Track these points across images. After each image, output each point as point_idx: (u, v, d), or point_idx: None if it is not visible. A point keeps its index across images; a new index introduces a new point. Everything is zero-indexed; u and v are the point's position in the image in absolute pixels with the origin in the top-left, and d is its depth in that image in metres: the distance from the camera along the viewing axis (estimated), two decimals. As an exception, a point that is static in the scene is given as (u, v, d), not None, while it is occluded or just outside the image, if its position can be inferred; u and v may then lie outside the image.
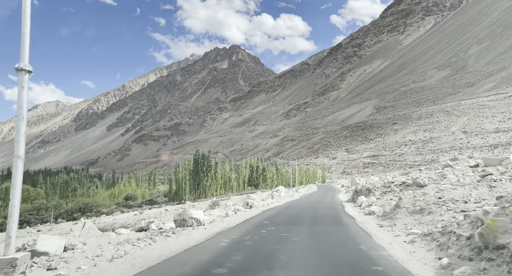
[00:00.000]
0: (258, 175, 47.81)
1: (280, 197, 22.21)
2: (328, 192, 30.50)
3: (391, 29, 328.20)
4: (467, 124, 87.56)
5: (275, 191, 28.82)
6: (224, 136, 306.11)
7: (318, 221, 10.42)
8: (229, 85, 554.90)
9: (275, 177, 52.54)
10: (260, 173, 48.04)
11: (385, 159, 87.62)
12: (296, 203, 18.37)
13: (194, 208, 25.97)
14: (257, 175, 47.72)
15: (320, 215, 12.05)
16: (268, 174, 49.21)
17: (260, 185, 46.87)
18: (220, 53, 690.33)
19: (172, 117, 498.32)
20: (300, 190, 29.40)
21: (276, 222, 10.10)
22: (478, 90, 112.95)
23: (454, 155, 73.69)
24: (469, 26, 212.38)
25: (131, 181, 75.96)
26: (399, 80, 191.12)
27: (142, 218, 24.66)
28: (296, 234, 7.67)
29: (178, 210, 27.50)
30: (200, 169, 42.43)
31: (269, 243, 6.53)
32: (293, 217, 11.76)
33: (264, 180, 48.05)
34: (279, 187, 29.03)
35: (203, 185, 41.69)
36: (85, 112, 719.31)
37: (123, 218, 26.15)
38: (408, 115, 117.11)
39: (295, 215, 12.18)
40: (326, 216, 11.68)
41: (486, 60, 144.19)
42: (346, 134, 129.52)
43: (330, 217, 11.37)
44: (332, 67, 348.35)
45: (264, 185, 47.18)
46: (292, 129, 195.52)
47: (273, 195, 22.34)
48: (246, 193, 40.79)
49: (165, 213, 25.40)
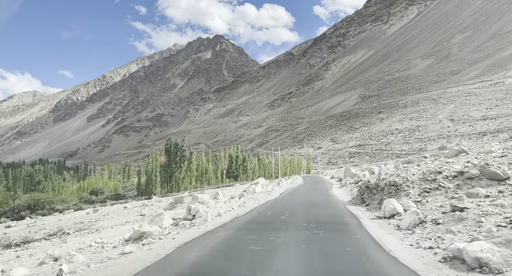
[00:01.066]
0: (238, 166, 43.64)
1: (254, 195, 17.08)
2: (317, 185, 24.69)
3: (375, 19, 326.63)
4: (454, 112, 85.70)
5: (253, 184, 24.64)
6: (207, 127, 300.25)
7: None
8: (213, 76, 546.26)
9: (257, 168, 48.63)
10: (240, 163, 43.86)
11: (371, 148, 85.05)
12: (272, 207, 11.73)
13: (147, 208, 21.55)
14: (237, 166, 43.56)
15: (321, 253, 5.35)
16: (249, 165, 45.15)
17: (240, 176, 42.86)
18: (204, 43, 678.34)
19: (155, 108, 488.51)
20: (283, 183, 24.80)
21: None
22: (463, 78, 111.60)
23: (442, 143, 71.52)
24: (452, 15, 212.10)
25: (104, 173, 70.82)
26: (383, 69, 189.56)
27: (93, 219, 20.31)
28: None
29: (140, 207, 23.17)
30: (172, 160, 38.00)
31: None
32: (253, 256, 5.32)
33: (245, 171, 43.98)
34: (259, 179, 25.00)
35: (175, 177, 37.35)
36: (64, 103, 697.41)
37: (71, 218, 21.68)
38: (394, 104, 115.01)
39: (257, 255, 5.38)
40: (334, 255, 5.30)
41: (470, 48, 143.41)
42: (331, 124, 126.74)
43: (347, 259, 5.06)
44: (316, 57, 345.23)
45: (244, 176, 43.20)
46: (277, 120, 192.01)
47: (243, 194, 16.73)
48: (225, 185, 36.71)
49: (123, 212, 21.11)
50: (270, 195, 16.72)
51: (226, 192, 20.03)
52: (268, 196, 16.47)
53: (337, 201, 13.47)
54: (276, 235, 6.62)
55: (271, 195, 16.93)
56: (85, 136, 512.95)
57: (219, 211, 10.23)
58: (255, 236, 6.68)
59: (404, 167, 18.44)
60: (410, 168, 11.87)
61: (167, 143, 38.66)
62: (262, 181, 24.71)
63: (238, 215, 9.56)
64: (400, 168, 15.88)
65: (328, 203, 12.82)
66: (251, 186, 19.53)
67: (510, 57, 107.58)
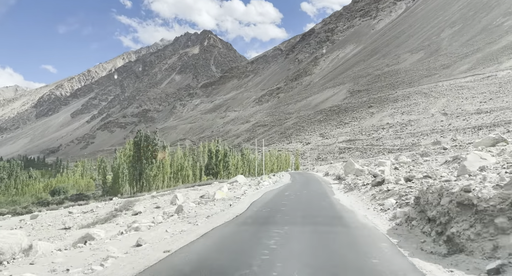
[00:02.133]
0: (218, 162, 39.14)
1: (215, 203, 11.69)
2: (311, 185, 18.78)
3: (363, 14, 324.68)
4: (447, 106, 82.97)
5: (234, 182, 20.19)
6: (194, 123, 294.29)
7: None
8: (200, 71, 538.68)
9: (240, 164, 44.26)
10: (220, 159, 39.36)
11: (362, 144, 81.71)
12: (226, 240, 6.54)
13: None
14: (217, 162, 39.06)
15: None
16: (231, 161, 40.64)
17: (221, 173, 38.41)
18: (191, 38, 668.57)
19: (141, 104, 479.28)
20: (264, 183, 19.68)
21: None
22: (454, 71, 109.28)
23: (436, 138, 68.59)
24: (440, 10, 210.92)
25: (76, 170, 65.38)
26: (372, 64, 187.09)
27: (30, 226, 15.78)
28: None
29: (73, 216, 18.40)
30: (143, 155, 33.31)
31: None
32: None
33: (226, 168, 39.50)
34: (237, 177, 20.66)
35: (146, 175, 32.74)
36: (47, 98, 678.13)
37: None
38: (384, 98, 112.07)
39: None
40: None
41: (460, 42, 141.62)
42: (320, 119, 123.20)
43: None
44: (305, 52, 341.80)
45: (225, 173, 38.74)
46: (264, 115, 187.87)
47: (181, 207, 10.49)
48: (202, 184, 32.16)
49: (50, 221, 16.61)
50: (230, 209, 10.48)
51: (192, 195, 15.66)
52: (227, 210, 10.30)
53: (366, 231, 6.86)
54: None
55: (233, 207, 10.86)
56: (69, 132, 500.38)
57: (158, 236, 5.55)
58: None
59: (425, 161, 14.31)
60: (451, 163, 7.73)
61: (137, 135, 33.91)
62: (241, 179, 20.38)
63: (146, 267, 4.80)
64: (421, 162, 11.79)
65: (351, 238, 6.34)
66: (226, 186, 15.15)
67: (501, 51, 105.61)
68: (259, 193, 15.11)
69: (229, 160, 40.17)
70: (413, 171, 12.44)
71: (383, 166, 14.29)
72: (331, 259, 5.06)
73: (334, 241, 6.10)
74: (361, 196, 12.09)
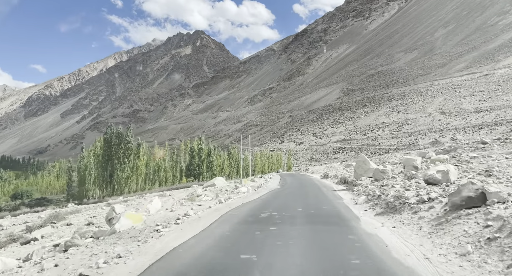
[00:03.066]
0: (201, 161, 35.05)
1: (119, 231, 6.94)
2: (308, 194, 13.61)
3: (356, 14, 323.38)
4: (444, 104, 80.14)
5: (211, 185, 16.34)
6: (185, 123, 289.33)
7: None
8: (193, 72, 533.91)
9: (226, 164, 40.30)
10: (204, 158, 35.28)
11: (357, 143, 78.40)
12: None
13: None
14: (200, 162, 34.94)
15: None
16: (215, 160, 36.58)
17: (203, 175, 34.39)
18: (184, 38, 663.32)
19: (132, 104, 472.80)
20: (242, 189, 14.54)
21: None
22: (450, 70, 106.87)
23: (435, 138, 65.53)
24: (433, 10, 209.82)
25: (52, 171, 60.73)
26: (365, 64, 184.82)
27: None
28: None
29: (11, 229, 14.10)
30: (114, 154, 29.23)
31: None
32: None
33: (210, 168, 35.46)
34: (215, 180, 16.75)
35: (117, 177, 28.68)
36: (36, 98, 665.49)
37: None
38: (379, 97, 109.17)
39: None
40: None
41: (454, 42, 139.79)
42: (313, 118, 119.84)
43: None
44: (297, 52, 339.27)
45: (209, 174, 34.72)
46: (256, 114, 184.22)
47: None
48: (179, 187, 28.24)
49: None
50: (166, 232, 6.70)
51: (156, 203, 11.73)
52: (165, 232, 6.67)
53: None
54: None
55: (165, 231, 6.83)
56: (58, 132, 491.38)
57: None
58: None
59: (482, 156, 10.09)
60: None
61: (106, 132, 29.83)
62: (220, 182, 16.50)
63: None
64: (467, 159, 7.87)
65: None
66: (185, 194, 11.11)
67: (497, 49, 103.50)
68: (219, 211, 9.51)
69: (213, 160, 36.14)
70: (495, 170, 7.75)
71: (421, 164, 10.13)
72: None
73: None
74: (438, 236, 5.36)
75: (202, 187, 16.21)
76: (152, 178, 32.03)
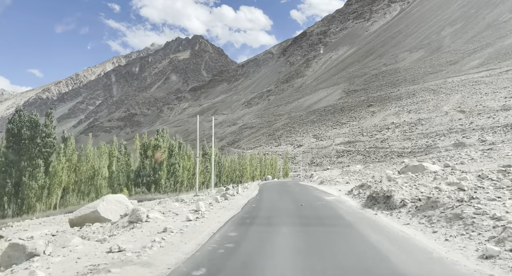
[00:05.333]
0: (158, 164, 25.12)
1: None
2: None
3: (356, 16, 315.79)
4: (463, 102, 70.59)
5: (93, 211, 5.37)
6: (179, 127, 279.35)
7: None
8: (191, 76, 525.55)
9: (201, 168, 30.46)
10: (162, 160, 25.36)
11: (364, 146, 68.63)
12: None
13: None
14: (156, 165, 25.02)
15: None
16: (181, 163, 26.71)
17: (161, 184, 24.34)
18: (182, 43, 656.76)
19: (129, 108, 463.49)
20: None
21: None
22: (463, 67, 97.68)
23: (457, 139, 55.78)
24: (438, 10, 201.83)
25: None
26: (368, 64, 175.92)
27: None
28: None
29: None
30: (25, 152, 19.57)
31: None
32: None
33: (172, 175, 25.44)
34: (105, 199, 7.61)
35: (26, 187, 19.01)
36: (33, 102, 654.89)
37: None
38: (385, 96, 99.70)
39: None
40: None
41: (464, 39, 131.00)
42: (313, 119, 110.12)
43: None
44: (296, 55, 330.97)
45: (169, 184, 24.70)
46: (253, 117, 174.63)
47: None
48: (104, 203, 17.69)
49: None
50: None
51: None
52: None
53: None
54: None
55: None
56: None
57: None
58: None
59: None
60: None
61: (12, 120, 20.17)
62: (108, 204, 6.45)
63: None
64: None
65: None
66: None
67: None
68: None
69: (176, 162, 26.27)
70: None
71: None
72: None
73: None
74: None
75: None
76: (83, 188, 22.21)
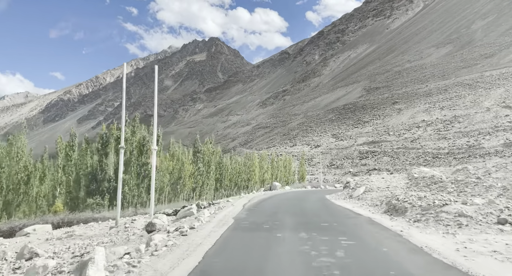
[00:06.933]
0: (127, 164, 17.69)
1: None
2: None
3: (376, 14, 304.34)
4: (507, 97, 61.18)
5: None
6: (193, 128, 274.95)
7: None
8: (207, 78, 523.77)
9: (187, 173, 23.24)
10: (126, 160, 18.02)
11: (391, 146, 60.17)
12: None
13: None
14: (116, 166, 17.58)
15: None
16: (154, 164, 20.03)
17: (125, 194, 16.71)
18: (199, 45, 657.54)
19: (146, 110, 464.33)
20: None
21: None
22: (502, 60, 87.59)
23: (507, 137, 46.81)
24: (466, 3, 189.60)
25: None
26: (390, 61, 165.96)
27: None
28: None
29: None
30: None
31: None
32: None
33: (143, 180, 18.22)
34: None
35: None
36: (55, 104, 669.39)
37: None
38: (412, 93, 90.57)
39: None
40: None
41: (498, 32, 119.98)
42: (332, 118, 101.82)
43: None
44: (313, 54, 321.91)
45: (142, 191, 17.36)
46: (267, 117, 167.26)
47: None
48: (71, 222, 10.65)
49: None
50: None
51: None
52: None
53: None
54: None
55: None
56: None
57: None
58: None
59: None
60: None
61: None
62: None
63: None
64: None
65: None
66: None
67: None
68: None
69: (148, 161, 19.25)
70: None
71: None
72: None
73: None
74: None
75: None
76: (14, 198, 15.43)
